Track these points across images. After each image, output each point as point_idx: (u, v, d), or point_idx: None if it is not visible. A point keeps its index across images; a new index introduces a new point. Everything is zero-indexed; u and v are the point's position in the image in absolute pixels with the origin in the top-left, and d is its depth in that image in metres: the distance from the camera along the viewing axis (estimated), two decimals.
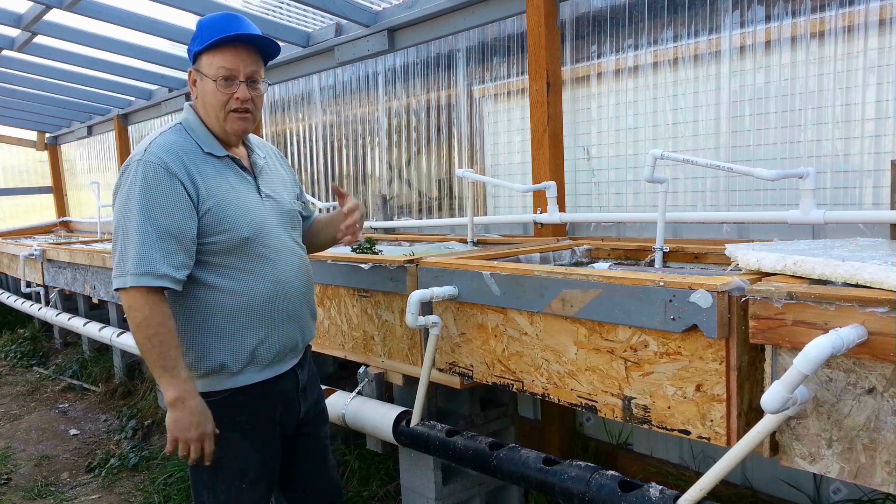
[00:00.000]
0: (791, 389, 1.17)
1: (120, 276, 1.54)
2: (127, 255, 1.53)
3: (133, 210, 1.53)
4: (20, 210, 9.21)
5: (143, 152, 1.58)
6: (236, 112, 1.63)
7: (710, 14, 2.62)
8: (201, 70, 1.63)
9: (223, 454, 1.65)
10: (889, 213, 2.01)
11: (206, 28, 1.63)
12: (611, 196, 3.03)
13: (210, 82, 1.61)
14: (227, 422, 1.66)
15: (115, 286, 1.55)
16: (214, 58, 1.60)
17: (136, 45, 4.88)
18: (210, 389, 1.66)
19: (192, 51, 1.65)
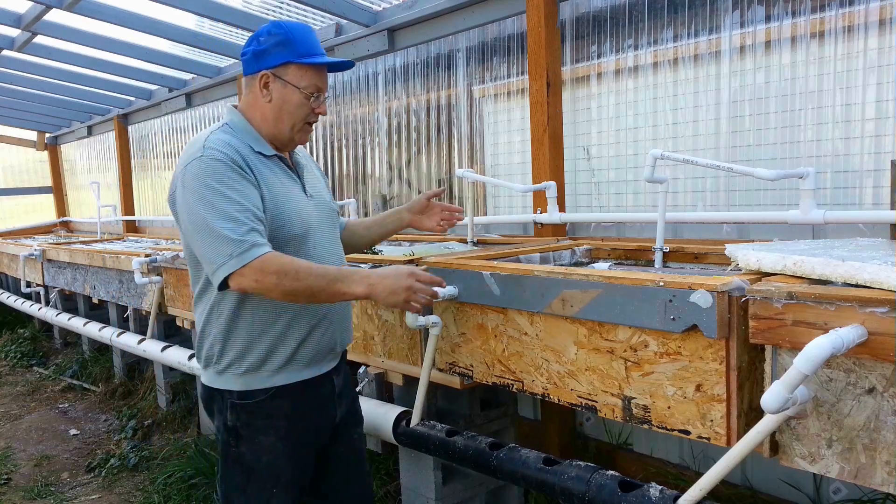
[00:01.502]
0: (791, 389, 1.17)
1: (224, 264, 1.48)
2: (221, 243, 1.48)
3: (208, 200, 1.50)
4: (20, 210, 9.21)
5: (202, 148, 1.56)
6: (309, 124, 1.72)
7: (710, 14, 2.62)
8: (286, 78, 1.64)
9: (258, 457, 1.65)
10: (889, 213, 2.01)
11: (299, 41, 1.64)
12: (611, 196, 3.03)
13: (298, 94, 1.65)
14: (263, 425, 1.65)
15: (222, 275, 1.49)
16: (307, 72, 1.65)
17: (136, 45, 4.88)
18: (249, 388, 1.64)
19: (279, 58, 1.63)
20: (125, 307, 4.60)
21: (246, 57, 1.67)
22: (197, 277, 1.67)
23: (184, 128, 6.38)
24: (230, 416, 1.66)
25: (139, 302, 4.17)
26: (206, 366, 1.69)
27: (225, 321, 1.63)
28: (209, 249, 1.50)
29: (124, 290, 4.32)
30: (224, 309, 1.63)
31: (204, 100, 5.84)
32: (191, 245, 1.57)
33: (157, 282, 3.80)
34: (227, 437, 1.68)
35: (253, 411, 1.64)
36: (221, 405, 1.68)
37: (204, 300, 1.67)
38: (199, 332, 1.70)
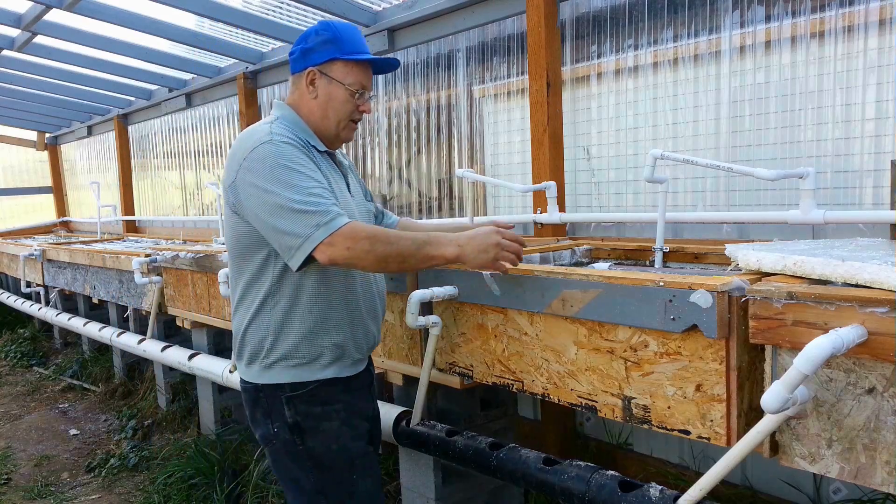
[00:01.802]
0: (791, 389, 1.17)
1: (310, 235, 1.46)
2: (305, 216, 1.47)
3: (283, 179, 1.49)
4: (20, 210, 9.21)
5: (269, 134, 1.55)
6: (354, 122, 1.73)
7: (710, 14, 2.62)
8: (332, 75, 1.66)
9: (328, 447, 1.63)
10: (889, 213, 2.01)
11: (345, 39, 1.66)
12: (611, 196, 3.03)
13: (343, 90, 1.67)
14: (320, 412, 1.63)
15: (310, 247, 1.46)
16: (353, 70, 1.67)
17: (136, 45, 4.88)
18: (298, 380, 1.63)
19: (326, 54, 1.65)
20: (125, 307, 4.59)
21: (294, 55, 1.70)
22: (241, 270, 1.64)
23: (184, 128, 6.37)
24: (289, 413, 1.62)
25: (139, 302, 4.17)
26: (250, 361, 1.66)
27: (281, 313, 1.61)
28: (291, 224, 1.47)
29: (124, 290, 4.32)
30: (280, 300, 1.61)
31: (204, 100, 5.84)
32: (262, 229, 1.53)
33: (157, 282, 3.80)
34: (291, 437, 1.63)
35: (308, 400, 1.62)
36: (272, 405, 1.64)
37: (253, 292, 1.63)
38: (244, 326, 1.65)
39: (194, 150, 6.29)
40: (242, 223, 1.59)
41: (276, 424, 1.64)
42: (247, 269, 1.63)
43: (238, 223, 1.60)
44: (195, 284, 3.49)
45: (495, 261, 1.60)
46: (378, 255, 1.49)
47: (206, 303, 3.42)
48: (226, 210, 1.64)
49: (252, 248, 1.60)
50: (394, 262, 1.52)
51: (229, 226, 1.63)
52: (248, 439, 3.55)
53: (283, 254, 1.52)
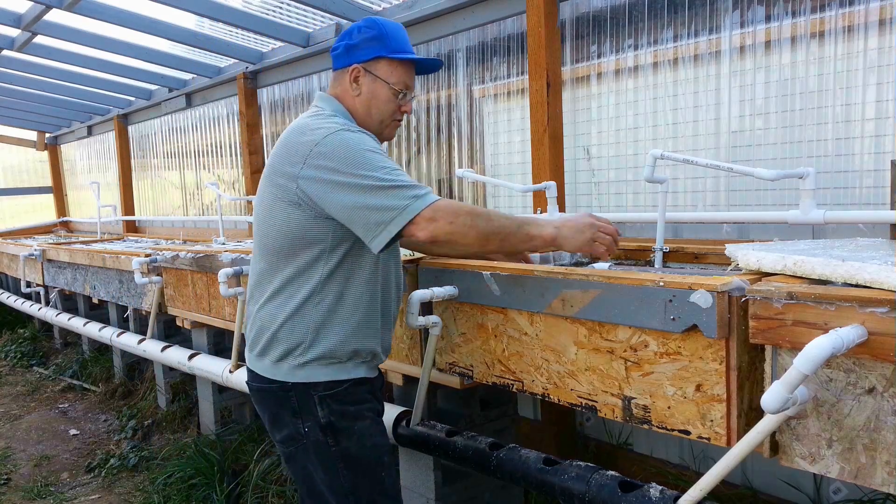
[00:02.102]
0: (791, 389, 1.17)
1: (407, 207, 1.42)
2: (399, 190, 1.44)
3: (367, 161, 1.46)
4: (20, 210, 9.22)
5: (336, 125, 1.53)
6: (397, 121, 1.73)
7: (710, 14, 2.62)
8: (377, 73, 1.65)
9: (362, 445, 1.60)
10: (889, 213, 2.01)
11: (391, 37, 1.65)
12: (611, 196, 3.03)
13: (388, 89, 1.66)
14: (354, 412, 1.61)
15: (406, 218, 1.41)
16: (398, 69, 1.66)
17: (136, 45, 4.88)
18: (333, 378, 1.60)
19: (372, 52, 1.64)
20: (125, 307, 4.60)
21: (337, 51, 1.68)
22: (282, 264, 1.58)
23: (184, 128, 6.38)
24: (322, 413, 1.58)
25: (139, 302, 4.17)
26: (280, 358, 1.59)
27: (324, 311, 1.57)
28: (385, 199, 1.43)
29: (124, 290, 4.32)
30: (326, 298, 1.57)
31: (204, 100, 5.84)
32: (345, 212, 1.47)
33: (157, 282, 3.80)
34: (324, 438, 1.59)
35: (342, 399, 1.59)
36: (303, 404, 1.59)
37: (294, 288, 1.57)
38: (280, 322, 1.58)
39: (194, 150, 6.29)
40: (300, 215, 1.53)
41: (308, 424, 1.59)
42: (291, 264, 1.57)
43: (293, 215, 1.53)
44: (195, 284, 3.49)
45: (592, 242, 1.56)
46: (480, 231, 1.45)
47: (206, 303, 3.42)
48: (273, 201, 1.57)
49: (304, 242, 1.55)
50: (495, 239, 1.48)
51: (277, 218, 1.56)
52: (249, 439, 3.55)
53: (369, 233, 1.46)
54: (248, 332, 1.68)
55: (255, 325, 1.64)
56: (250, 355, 1.68)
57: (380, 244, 1.46)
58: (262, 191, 1.62)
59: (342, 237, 1.56)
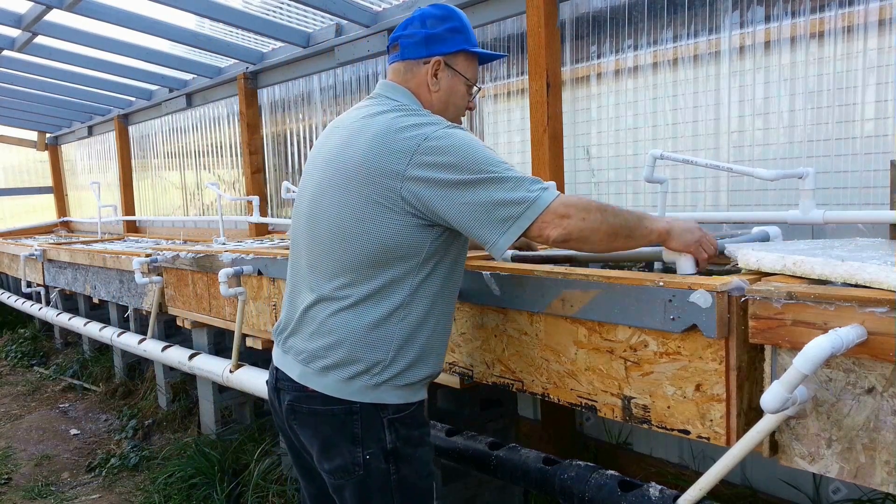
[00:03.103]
0: (790, 389, 1.17)
1: (533, 201, 1.31)
2: (522, 181, 1.33)
3: (481, 155, 1.35)
4: (21, 210, 9.23)
5: (439, 120, 1.42)
6: (462, 117, 1.65)
7: (710, 14, 2.62)
8: (457, 68, 1.56)
9: (419, 473, 1.49)
10: (889, 213, 2.01)
11: (469, 28, 1.59)
12: (611, 196, 3.03)
13: (464, 84, 1.59)
14: (418, 436, 1.50)
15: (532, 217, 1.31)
16: (473, 63, 1.59)
17: (136, 45, 4.89)
18: (406, 401, 1.47)
19: (454, 44, 1.55)
20: (125, 307, 4.60)
21: (412, 40, 1.54)
22: (362, 276, 1.41)
23: (184, 128, 6.38)
24: (389, 437, 1.44)
25: (139, 302, 4.17)
26: (354, 376, 1.42)
27: (409, 327, 1.43)
28: (511, 191, 1.31)
29: (125, 290, 4.32)
30: (411, 313, 1.43)
31: (204, 100, 5.84)
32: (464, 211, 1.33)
33: (158, 282, 3.81)
34: (385, 466, 1.44)
35: (410, 423, 1.48)
36: (367, 428, 1.44)
37: (377, 300, 1.41)
38: (360, 336, 1.42)
39: (195, 151, 6.30)
40: (401, 216, 1.38)
41: (370, 451, 1.43)
42: (379, 275, 1.41)
43: (392, 222, 1.38)
44: (195, 284, 3.50)
45: (698, 243, 1.47)
46: (611, 227, 1.35)
47: (207, 303, 3.42)
48: (364, 203, 1.39)
49: (400, 252, 1.40)
50: (622, 236, 1.38)
51: (372, 221, 1.38)
52: (249, 439, 3.55)
53: (495, 231, 1.33)
54: (306, 343, 1.48)
55: (324, 337, 1.44)
56: (305, 369, 1.46)
57: (507, 242, 1.33)
58: (339, 190, 1.42)
59: (439, 247, 1.44)
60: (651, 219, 1.45)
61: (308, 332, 1.48)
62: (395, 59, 1.58)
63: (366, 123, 1.44)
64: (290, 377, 1.50)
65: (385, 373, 1.42)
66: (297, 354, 1.49)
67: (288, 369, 1.51)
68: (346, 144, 1.45)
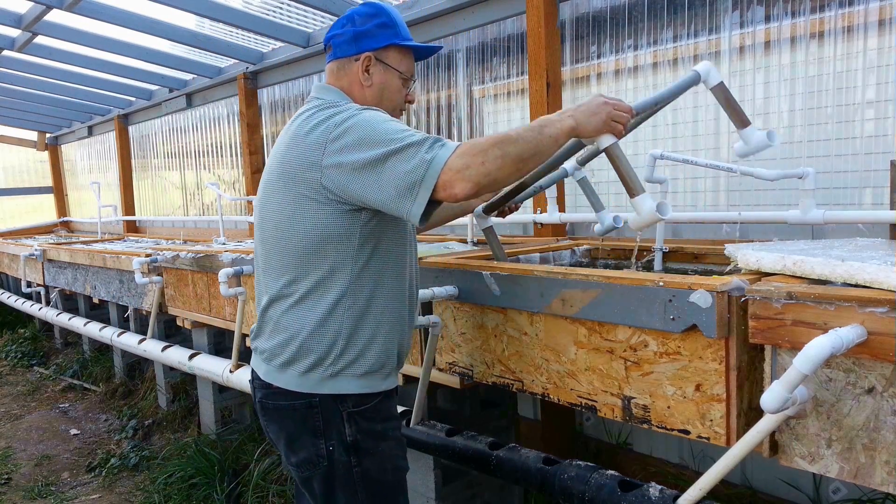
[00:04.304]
0: (790, 389, 1.17)
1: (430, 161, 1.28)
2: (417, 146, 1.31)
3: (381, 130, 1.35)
4: (21, 210, 9.22)
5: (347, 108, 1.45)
6: (401, 112, 1.66)
7: (710, 14, 2.62)
8: (388, 62, 1.58)
9: (384, 468, 1.51)
10: (889, 213, 2.01)
11: (399, 23, 1.61)
12: (611, 196, 3.03)
13: (398, 78, 1.60)
14: (381, 430, 1.52)
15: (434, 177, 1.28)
16: (406, 57, 1.61)
17: (136, 45, 4.88)
18: (366, 391, 1.50)
19: (384, 39, 1.56)
20: (125, 307, 4.60)
21: (342, 38, 1.57)
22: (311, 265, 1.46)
23: (184, 128, 6.38)
24: (349, 430, 1.47)
25: (139, 302, 4.17)
26: (310, 369, 1.46)
27: (358, 313, 1.47)
28: (407, 158, 1.30)
29: (125, 290, 4.32)
30: (359, 299, 1.47)
31: (204, 100, 5.84)
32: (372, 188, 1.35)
33: (158, 282, 3.81)
34: (346, 458, 1.48)
35: (371, 417, 1.50)
36: (329, 421, 1.47)
37: (324, 289, 1.46)
38: (310, 329, 1.47)
39: (195, 151, 6.30)
40: (327, 206, 1.42)
41: (332, 444, 1.47)
42: (320, 266, 1.45)
43: (320, 212, 1.42)
44: (195, 284, 3.50)
45: (609, 121, 1.40)
46: (514, 156, 1.30)
47: (207, 303, 3.42)
48: (294, 198, 1.45)
49: (332, 240, 1.44)
50: (531, 157, 1.33)
51: (300, 214, 1.44)
52: (249, 439, 3.55)
53: (404, 202, 1.32)
54: (267, 342, 1.54)
55: (279, 334, 1.50)
56: (269, 367, 1.52)
57: (419, 208, 1.31)
58: (276, 193, 1.48)
59: (371, 231, 1.46)
60: (552, 122, 1.38)
61: (268, 332, 1.54)
62: (329, 59, 1.62)
63: (291, 126, 1.52)
64: (258, 376, 1.56)
65: (339, 362, 1.47)
66: (262, 354, 1.55)
67: (257, 368, 1.58)
68: (277, 148, 1.53)
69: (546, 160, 1.41)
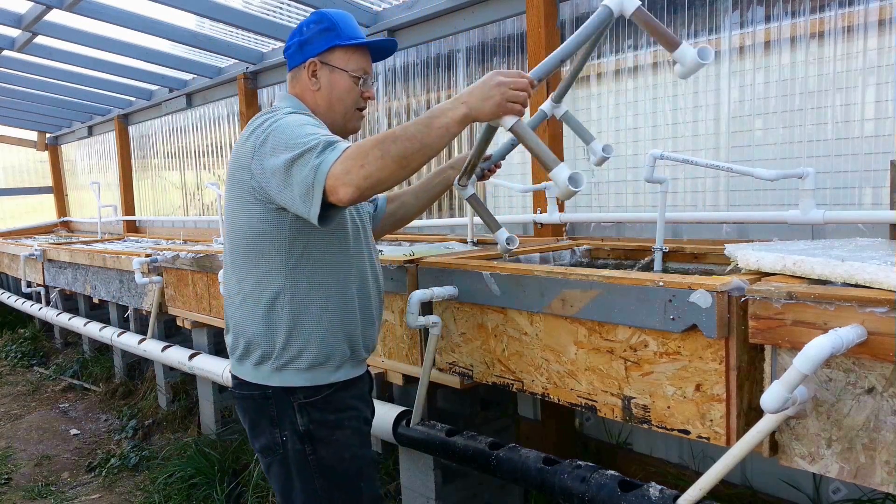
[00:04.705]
0: (790, 389, 1.17)
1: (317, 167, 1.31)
2: (308, 152, 1.34)
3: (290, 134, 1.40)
4: (21, 210, 9.22)
5: (283, 111, 1.51)
6: (360, 110, 1.68)
7: (710, 14, 2.62)
8: (334, 63, 1.62)
9: (340, 457, 1.56)
10: (889, 213, 2.01)
11: (342, 24, 1.63)
12: (611, 196, 3.03)
13: (347, 78, 1.62)
14: (335, 420, 1.57)
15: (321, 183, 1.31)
16: (353, 55, 1.63)
17: (136, 45, 4.88)
18: (314, 384, 1.56)
19: (325, 43, 1.61)
20: (125, 307, 4.60)
21: (290, 50, 1.65)
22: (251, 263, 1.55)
23: (184, 128, 6.38)
24: (301, 420, 1.54)
25: (139, 302, 4.17)
26: (259, 362, 1.56)
27: (296, 309, 1.53)
28: (304, 165, 1.33)
29: (125, 290, 4.32)
30: (296, 295, 1.53)
31: (204, 100, 5.84)
32: (281, 193, 1.40)
33: (158, 282, 3.81)
34: (301, 447, 1.55)
35: (323, 407, 1.56)
36: (279, 412, 1.55)
37: (263, 286, 1.54)
38: (254, 324, 1.56)
39: (194, 151, 6.30)
40: (257, 206, 1.50)
41: (286, 433, 1.55)
42: (258, 264, 1.54)
43: (252, 212, 1.51)
44: (195, 284, 3.50)
45: (505, 103, 1.37)
46: (395, 154, 1.29)
47: (207, 303, 3.42)
48: (234, 199, 1.55)
49: (265, 239, 1.51)
50: (415, 153, 1.32)
51: (239, 214, 1.54)
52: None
53: (306, 206, 1.36)
54: (228, 337, 1.65)
55: (233, 330, 1.62)
56: (232, 360, 1.64)
57: (315, 213, 1.35)
58: (227, 195, 1.59)
59: (299, 230, 1.51)
60: (444, 111, 1.36)
61: (228, 328, 1.65)
62: (288, 69, 1.70)
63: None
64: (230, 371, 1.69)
65: (283, 356, 1.54)
66: (228, 348, 1.67)
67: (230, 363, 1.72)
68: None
69: (438, 151, 1.38)
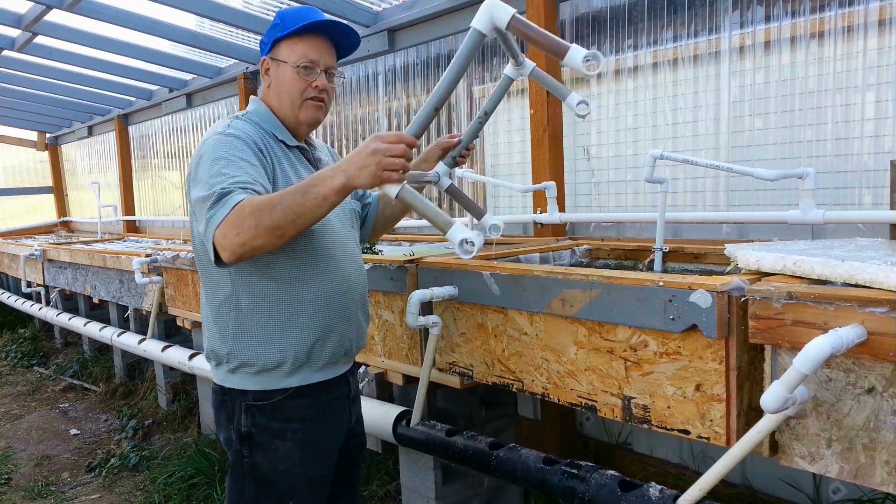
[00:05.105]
0: (790, 389, 1.17)
1: (206, 230, 1.36)
2: (205, 203, 1.37)
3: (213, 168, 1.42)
4: (21, 210, 9.22)
5: (226, 127, 1.52)
6: (312, 100, 1.62)
7: (710, 14, 2.62)
8: (279, 57, 1.61)
9: (273, 467, 1.56)
10: (889, 213, 2.01)
11: (288, 17, 1.62)
12: (610, 196, 3.03)
13: (290, 69, 1.59)
14: (279, 429, 1.56)
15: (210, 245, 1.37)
16: (296, 45, 1.59)
17: (136, 45, 4.88)
18: (264, 388, 1.55)
19: (270, 39, 1.62)
20: (125, 307, 4.60)
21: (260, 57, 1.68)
22: (204, 269, 1.59)
23: (184, 128, 6.38)
24: (244, 421, 1.55)
25: (139, 302, 4.17)
26: (217, 363, 1.60)
27: (241, 315, 1.54)
28: (200, 213, 1.39)
29: (125, 290, 4.32)
30: (240, 301, 1.54)
31: (204, 100, 5.84)
32: (197, 223, 1.46)
33: (158, 282, 3.81)
34: (239, 447, 1.56)
35: (270, 413, 1.55)
36: (232, 410, 1.58)
37: (213, 292, 1.57)
38: (210, 325, 1.61)
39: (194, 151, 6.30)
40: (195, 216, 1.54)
41: (233, 430, 1.58)
42: (209, 268, 1.53)
43: (194, 218, 1.53)
44: (195, 284, 3.50)
45: (381, 172, 1.31)
46: (269, 225, 1.30)
47: None
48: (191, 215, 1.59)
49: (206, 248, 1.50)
50: (290, 223, 1.32)
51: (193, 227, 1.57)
52: None
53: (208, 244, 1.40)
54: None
55: (203, 333, 1.69)
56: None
57: (212, 259, 1.40)
58: None
59: None
60: (322, 180, 1.33)
61: None
62: None
63: None
64: None
65: (233, 360, 1.55)
66: None
67: None
68: None
69: (317, 220, 1.38)
